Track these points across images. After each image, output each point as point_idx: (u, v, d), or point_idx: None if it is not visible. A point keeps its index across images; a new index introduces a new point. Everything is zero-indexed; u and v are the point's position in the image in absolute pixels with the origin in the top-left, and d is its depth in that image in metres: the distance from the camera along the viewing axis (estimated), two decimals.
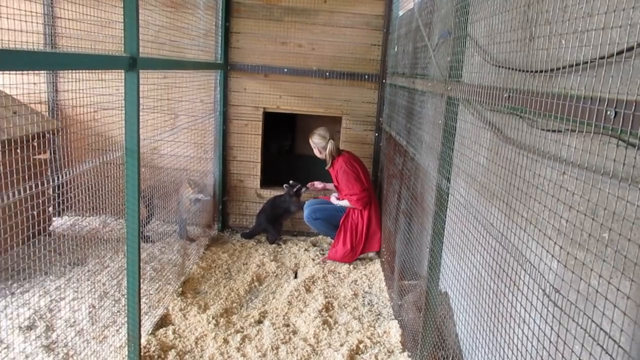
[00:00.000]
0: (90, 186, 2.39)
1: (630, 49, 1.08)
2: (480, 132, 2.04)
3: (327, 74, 4.64)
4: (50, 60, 1.79)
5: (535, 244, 1.48)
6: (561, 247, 1.33)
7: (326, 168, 4.47)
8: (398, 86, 3.91)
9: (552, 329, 1.33)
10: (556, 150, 1.41)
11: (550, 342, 1.32)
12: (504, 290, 1.66)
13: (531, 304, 1.46)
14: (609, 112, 1.02)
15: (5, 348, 2.65)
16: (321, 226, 4.52)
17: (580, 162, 1.26)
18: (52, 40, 4.29)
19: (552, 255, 1.38)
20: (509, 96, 1.52)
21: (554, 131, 1.44)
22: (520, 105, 1.45)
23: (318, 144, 4.37)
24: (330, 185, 4.77)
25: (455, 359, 2.15)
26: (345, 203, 4.31)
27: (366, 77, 4.68)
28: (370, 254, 4.49)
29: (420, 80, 2.99)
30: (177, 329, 3.05)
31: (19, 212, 2.10)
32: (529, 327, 1.48)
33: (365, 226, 4.29)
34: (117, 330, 2.89)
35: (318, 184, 4.74)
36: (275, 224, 4.65)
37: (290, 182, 4.66)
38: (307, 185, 4.70)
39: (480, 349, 1.88)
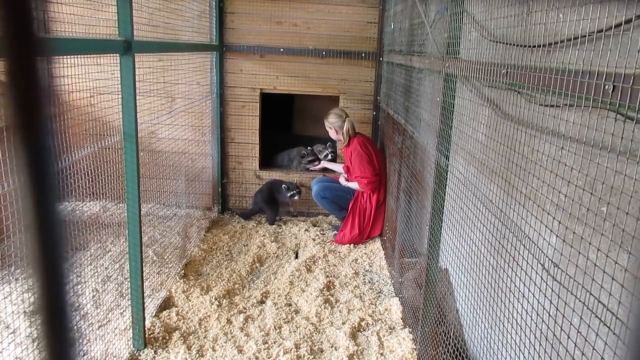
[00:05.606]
0: (89, 171, 2.39)
1: (628, 21, 1.07)
2: (478, 109, 2.04)
3: (324, 52, 4.60)
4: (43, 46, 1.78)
5: (534, 219, 1.49)
6: (560, 222, 1.34)
7: (342, 147, 4.45)
8: (395, 64, 3.88)
9: (551, 302, 1.35)
10: (554, 125, 1.41)
11: (550, 315, 1.34)
12: (504, 265, 1.67)
13: (530, 279, 1.48)
14: (607, 86, 1.02)
15: (12, 333, 2.69)
16: (328, 205, 4.50)
17: (578, 137, 1.27)
18: (44, 25, 4.23)
19: (551, 230, 1.39)
20: (507, 72, 1.52)
21: (552, 106, 1.44)
22: (518, 81, 1.45)
23: (334, 123, 4.27)
24: (329, 165, 4.77)
25: (455, 334, 2.18)
26: (354, 185, 4.28)
27: (363, 55, 4.64)
28: None
29: (418, 57, 2.97)
30: (180, 311, 3.08)
31: (20, 198, 2.09)
32: (528, 302, 1.50)
33: (374, 210, 4.28)
34: (121, 313, 2.92)
35: (322, 164, 4.78)
36: (270, 204, 4.67)
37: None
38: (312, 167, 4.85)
39: (480, 324, 1.91)
